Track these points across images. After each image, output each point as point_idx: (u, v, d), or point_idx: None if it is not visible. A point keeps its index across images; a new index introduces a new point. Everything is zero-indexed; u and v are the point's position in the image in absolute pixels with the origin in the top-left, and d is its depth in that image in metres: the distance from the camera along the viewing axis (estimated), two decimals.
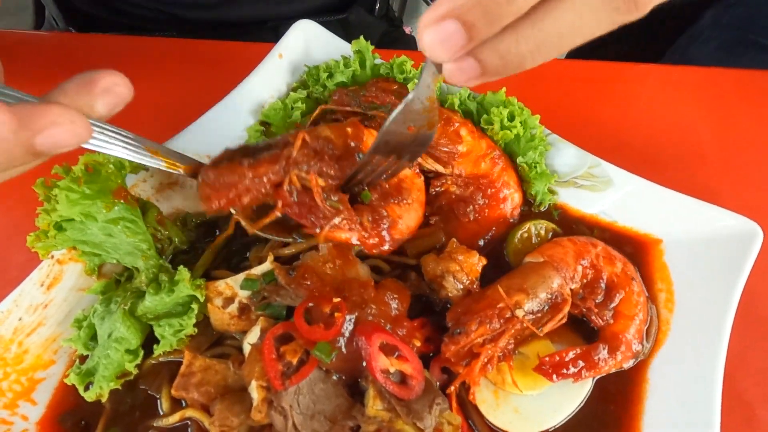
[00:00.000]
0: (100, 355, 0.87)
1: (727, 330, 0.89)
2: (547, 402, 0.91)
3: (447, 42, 0.51)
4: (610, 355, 0.91)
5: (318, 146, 0.87)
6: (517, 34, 0.53)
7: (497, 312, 0.88)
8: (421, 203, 1.00)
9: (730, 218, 0.97)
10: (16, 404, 0.88)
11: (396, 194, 0.96)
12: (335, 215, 0.85)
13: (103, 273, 0.97)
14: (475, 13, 0.49)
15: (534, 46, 0.53)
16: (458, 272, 0.92)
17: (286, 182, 0.84)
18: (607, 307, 0.94)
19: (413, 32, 3.84)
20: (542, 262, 0.95)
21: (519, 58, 0.54)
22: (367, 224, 0.89)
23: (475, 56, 0.54)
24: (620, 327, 0.93)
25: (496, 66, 0.54)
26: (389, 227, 0.92)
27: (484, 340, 0.87)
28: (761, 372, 1.03)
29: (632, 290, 0.96)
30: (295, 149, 0.84)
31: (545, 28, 0.52)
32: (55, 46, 1.49)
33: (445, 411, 0.83)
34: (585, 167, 1.05)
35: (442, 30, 0.50)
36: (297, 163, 0.84)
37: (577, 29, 0.53)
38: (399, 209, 0.95)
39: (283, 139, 0.87)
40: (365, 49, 1.10)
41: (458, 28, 0.50)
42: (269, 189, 0.84)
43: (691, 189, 1.17)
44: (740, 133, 1.33)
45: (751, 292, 1.06)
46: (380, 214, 0.91)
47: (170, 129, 1.10)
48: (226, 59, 1.38)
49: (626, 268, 0.99)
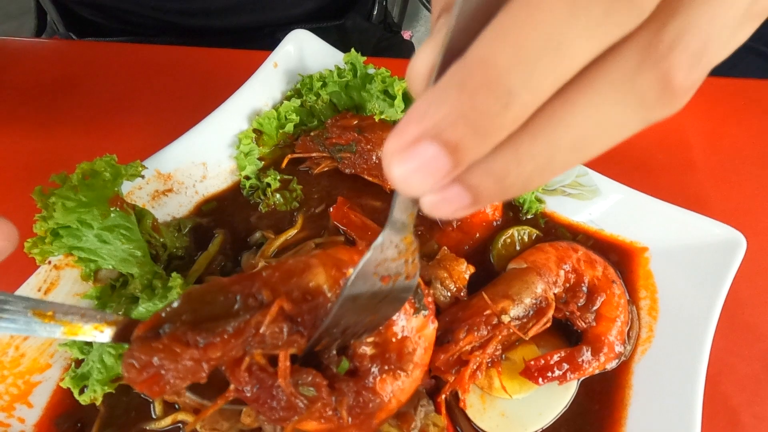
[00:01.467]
0: (95, 359, 0.89)
1: (709, 337, 0.90)
2: (533, 405, 0.93)
3: (424, 170, 0.38)
4: (594, 356, 0.93)
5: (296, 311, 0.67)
6: (518, 151, 0.39)
7: (484, 319, 0.90)
8: (424, 366, 0.80)
9: (715, 227, 0.99)
10: (13, 407, 0.89)
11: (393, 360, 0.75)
12: (307, 406, 0.66)
13: (98, 279, 0.99)
14: (458, 129, 0.36)
15: (541, 164, 0.39)
16: (446, 279, 0.93)
17: (245, 362, 0.64)
18: (589, 310, 0.96)
19: (413, 37, 3.87)
20: (525, 268, 0.97)
21: (522, 180, 0.40)
22: (345, 417, 0.69)
23: (463, 182, 0.40)
24: (602, 329, 0.95)
25: (492, 191, 0.41)
26: (376, 410, 0.72)
27: (473, 347, 0.89)
28: (746, 378, 1.05)
29: (613, 293, 0.98)
30: (266, 323, 0.64)
31: (555, 141, 0.38)
32: (55, 54, 1.51)
33: (430, 413, 0.84)
34: (573, 176, 1.07)
35: (416, 156, 0.37)
36: (264, 343, 0.64)
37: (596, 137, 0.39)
38: (394, 382, 0.74)
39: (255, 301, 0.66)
40: (356, 60, 1.12)
41: (438, 151, 0.37)
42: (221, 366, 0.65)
43: (681, 197, 1.19)
44: (731, 142, 1.35)
45: (737, 299, 1.08)
46: (366, 397, 0.71)
47: (167, 135, 1.12)
48: (223, 67, 1.40)
49: (607, 271, 1.01)
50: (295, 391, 0.65)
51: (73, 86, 1.42)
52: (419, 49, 0.42)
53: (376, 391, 0.72)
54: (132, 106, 1.38)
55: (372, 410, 0.71)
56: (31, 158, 0.82)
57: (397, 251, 0.56)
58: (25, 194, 0.92)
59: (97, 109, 1.36)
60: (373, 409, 0.71)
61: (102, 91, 1.40)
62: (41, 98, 1.40)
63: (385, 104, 1.12)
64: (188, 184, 1.11)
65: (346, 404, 0.69)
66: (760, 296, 1.12)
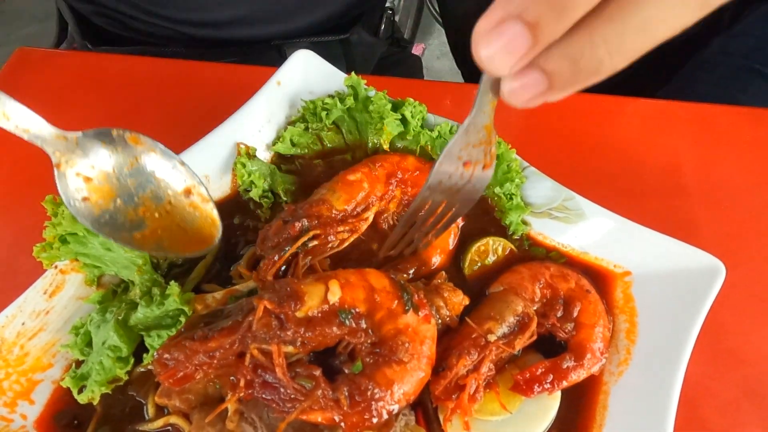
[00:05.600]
0: (94, 361, 0.94)
1: (683, 362, 0.93)
2: (513, 427, 0.95)
3: (508, 48, 0.42)
4: (577, 362, 0.97)
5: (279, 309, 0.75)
6: (592, 33, 0.44)
7: (473, 342, 0.94)
8: (429, 360, 0.85)
9: (696, 255, 1.01)
10: (15, 403, 0.94)
11: (390, 350, 0.81)
12: (306, 395, 0.74)
13: (101, 284, 1.04)
14: (538, 8, 0.41)
15: (613, 46, 0.44)
16: (441, 308, 0.97)
17: (247, 358, 0.74)
18: (568, 320, 1.01)
19: (426, 50, 3.91)
20: (503, 290, 1.02)
21: (595, 63, 0.44)
22: (344, 401, 0.75)
23: (541, 67, 0.45)
24: (583, 336, 1.00)
25: (566, 76, 0.45)
26: (378, 399, 0.76)
27: (467, 371, 0.93)
28: (726, 403, 1.07)
29: (589, 301, 1.03)
30: (256, 320, 0.74)
31: (625, 22, 0.43)
32: (71, 63, 1.58)
33: (411, 423, 0.88)
34: (560, 200, 1.10)
35: (502, 34, 0.42)
36: (256, 338, 0.74)
37: (662, 19, 0.44)
38: (393, 373, 0.79)
39: (247, 305, 0.77)
40: (357, 84, 1.16)
41: (521, 29, 0.41)
42: (231, 362, 0.75)
43: (670, 221, 1.21)
44: (723, 168, 1.37)
45: (719, 323, 1.10)
46: (361, 386, 0.77)
47: (173, 147, 1.16)
48: (229, 81, 1.46)
49: (580, 282, 1.06)
50: (293, 382, 0.74)
51: (86, 96, 1.49)
52: None
53: (373, 377, 0.78)
54: (142, 118, 1.44)
55: (371, 397, 0.76)
56: (44, 166, 0.88)
57: (479, 137, 0.61)
58: (36, 201, 0.98)
59: (108, 118, 1.42)
60: (373, 396, 0.76)
61: (113, 102, 1.46)
62: (57, 107, 1.46)
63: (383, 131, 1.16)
64: None
65: (344, 391, 0.76)
66: (743, 322, 1.14)
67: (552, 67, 0.45)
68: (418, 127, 1.16)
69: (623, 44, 0.44)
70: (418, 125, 1.16)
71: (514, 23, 0.41)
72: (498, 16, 0.42)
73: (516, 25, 0.41)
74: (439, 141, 1.15)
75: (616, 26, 0.43)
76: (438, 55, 4.03)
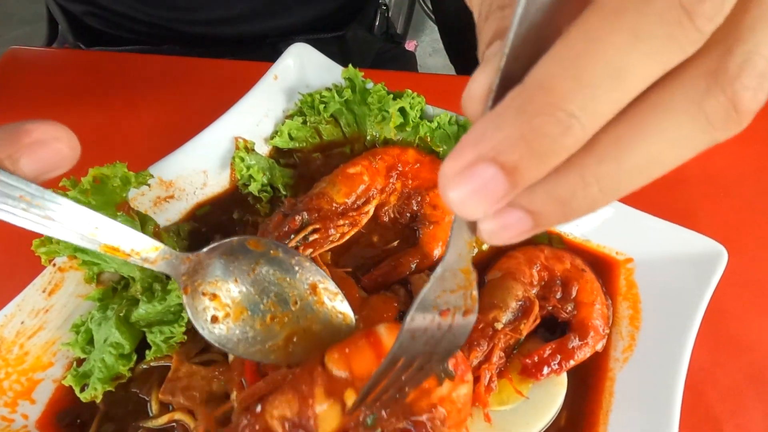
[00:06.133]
0: (96, 358, 0.93)
1: (688, 347, 0.93)
2: (520, 416, 0.95)
3: (481, 192, 0.37)
4: (582, 341, 0.98)
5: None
6: (583, 173, 0.38)
7: (480, 333, 0.94)
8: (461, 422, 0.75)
9: (698, 240, 1.01)
10: (16, 403, 0.93)
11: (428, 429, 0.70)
12: None
13: (101, 281, 1.03)
14: (517, 151, 0.35)
15: (607, 186, 0.38)
16: None
17: None
18: (568, 301, 1.03)
19: (418, 47, 3.91)
20: (501, 276, 1.03)
21: (588, 201, 0.39)
22: None
23: (524, 207, 0.40)
24: (584, 314, 1.01)
25: (555, 215, 0.40)
26: None
27: (479, 362, 0.93)
28: (729, 388, 1.07)
29: (585, 279, 1.04)
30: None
31: (622, 162, 0.38)
32: (65, 62, 1.56)
33: None
34: None
35: (472, 178, 0.36)
36: None
37: (664, 158, 0.39)
38: None
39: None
40: (354, 76, 1.15)
41: (496, 172, 0.36)
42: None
43: (671, 210, 1.21)
44: (723, 158, 1.37)
45: (723, 311, 1.11)
46: None
47: (171, 143, 1.16)
48: (226, 77, 1.45)
49: (575, 262, 1.06)
50: None
51: (81, 94, 1.47)
52: (474, 73, 0.43)
53: None
54: (139, 115, 1.43)
55: None
56: None
57: (456, 283, 0.54)
58: None
59: (105, 117, 1.41)
60: None
61: (109, 100, 1.45)
62: (52, 106, 1.45)
63: (383, 122, 1.16)
64: (189, 191, 1.15)
65: None
66: (745, 309, 1.14)
67: (537, 208, 0.39)
68: (417, 119, 1.15)
69: (619, 184, 0.39)
70: (416, 116, 1.15)
71: (487, 166, 0.36)
72: (467, 158, 0.36)
73: (489, 168, 0.36)
74: (438, 132, 1.15)
75: (610, 167, 0.38)
76: (430, 52, 4.03)
